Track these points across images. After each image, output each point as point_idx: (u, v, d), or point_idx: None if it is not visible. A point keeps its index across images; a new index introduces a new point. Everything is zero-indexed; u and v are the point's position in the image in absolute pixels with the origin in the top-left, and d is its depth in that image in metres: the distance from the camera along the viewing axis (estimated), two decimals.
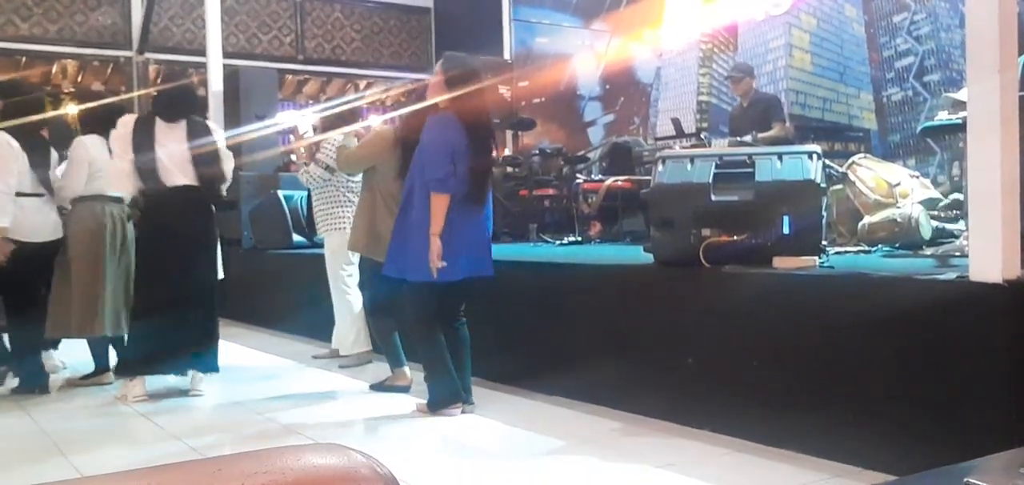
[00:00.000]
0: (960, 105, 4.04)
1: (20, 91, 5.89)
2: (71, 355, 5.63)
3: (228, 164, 4.91)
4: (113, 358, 5.14)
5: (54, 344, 5.53)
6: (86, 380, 5.17)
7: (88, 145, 5.03)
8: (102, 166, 4.96)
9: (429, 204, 3.92)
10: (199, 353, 4.76)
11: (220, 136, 4.97)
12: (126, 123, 4.70)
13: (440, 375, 4.11)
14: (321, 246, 5.72)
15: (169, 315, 4.57)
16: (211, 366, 4.85)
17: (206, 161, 4.70)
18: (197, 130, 4.75)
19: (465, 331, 4.24)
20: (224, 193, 4.98)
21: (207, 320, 4.80)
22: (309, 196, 5.92)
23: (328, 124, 5.52)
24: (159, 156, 4.57)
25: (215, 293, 4.88)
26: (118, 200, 5.05)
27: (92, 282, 4.93)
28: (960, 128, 3.90)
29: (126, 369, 4.77)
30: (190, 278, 4.66)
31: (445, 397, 4.11)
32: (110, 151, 4.82)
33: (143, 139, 4.60)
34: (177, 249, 4.64)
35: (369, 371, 5.25)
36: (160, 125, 4.66)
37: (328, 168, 5.30)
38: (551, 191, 8.14)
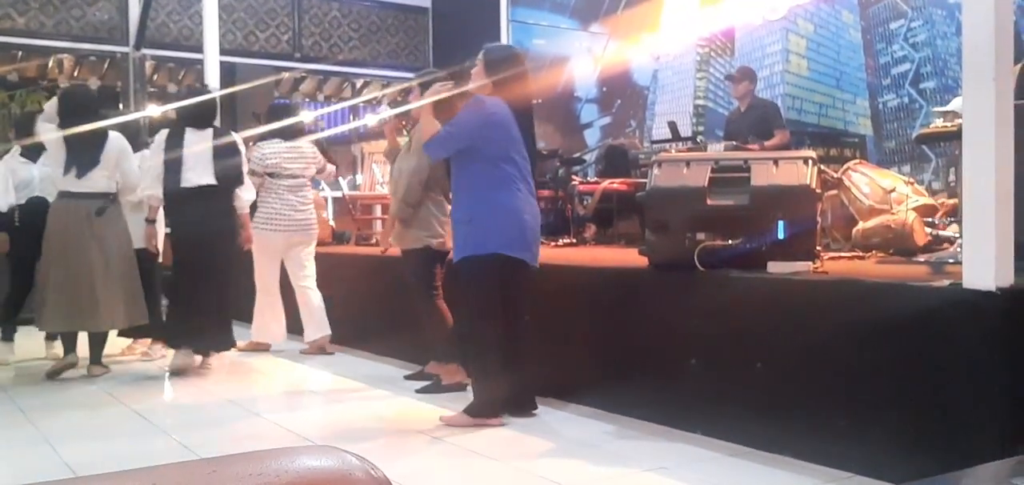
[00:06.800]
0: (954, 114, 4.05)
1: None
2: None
3: (245, 166, 5.47)
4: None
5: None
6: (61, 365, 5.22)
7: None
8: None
9: (463, 184, 3.91)
10: (215, 333, 5.32)
11: (239, 142, 5.47)
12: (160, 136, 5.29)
13: (489, 378, 3.86)
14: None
15: (200, 299, 5.15)
16: (223, 344, 5.40)
17: (225, 160, 5.23)
18: (221, 137, 5.34)
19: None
20: (244, 194, 5.43)
21: (224, 301, 5.36)
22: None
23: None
24: (186, 159, 5.11)
25: (230, 277, 5.42)
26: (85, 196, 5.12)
27: (134, 275, 5.23)
28: (955, 135, 3.90)
29: (174, 341, 5.29)
30: (214, 266, 5.20)
31: (489, 404, 3.88)
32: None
33: (173, 144, 5.16)
34: (200, 241, 5.13)
35: (362, 369, 5.26)
36: (189, 133, 5.22)
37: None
38: (546, 193, 8.12)
